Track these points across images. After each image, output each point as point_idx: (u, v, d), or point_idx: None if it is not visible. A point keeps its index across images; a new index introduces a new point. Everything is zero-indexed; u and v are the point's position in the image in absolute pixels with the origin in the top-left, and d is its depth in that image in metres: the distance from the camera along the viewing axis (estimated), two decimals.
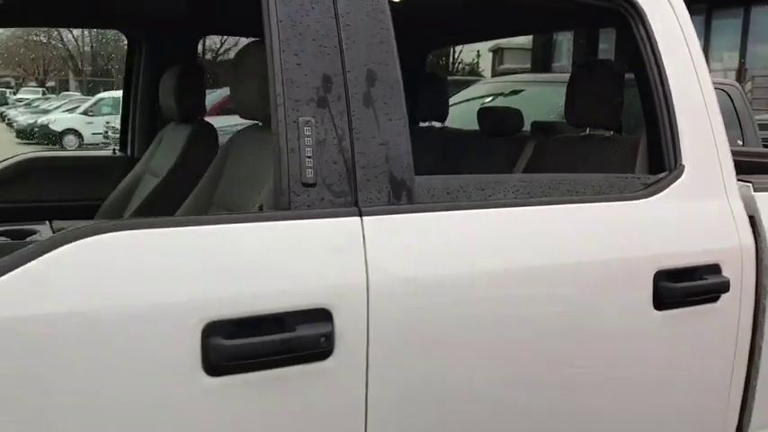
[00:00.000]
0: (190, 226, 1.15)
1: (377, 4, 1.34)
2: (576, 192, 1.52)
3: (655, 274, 1.52)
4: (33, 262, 1.01)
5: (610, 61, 2.22)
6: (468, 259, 1.34)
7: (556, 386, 1.44)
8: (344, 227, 1.24)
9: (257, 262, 1.17)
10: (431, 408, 1.31)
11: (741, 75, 14.00)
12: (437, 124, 3.14)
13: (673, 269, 1.55)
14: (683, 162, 1.65)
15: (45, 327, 1.00)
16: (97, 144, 16.02)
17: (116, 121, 13.09)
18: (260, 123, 1.78)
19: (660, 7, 1.70)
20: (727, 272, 1.63)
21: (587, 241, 1.47)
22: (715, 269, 1.62)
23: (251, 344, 1.12)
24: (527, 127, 2.98)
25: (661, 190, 1.60)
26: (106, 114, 18.71)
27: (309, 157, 1.23)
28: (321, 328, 1.17)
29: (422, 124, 3.12)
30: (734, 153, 1.78)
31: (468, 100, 4.80)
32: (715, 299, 1.62)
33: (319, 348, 1.17)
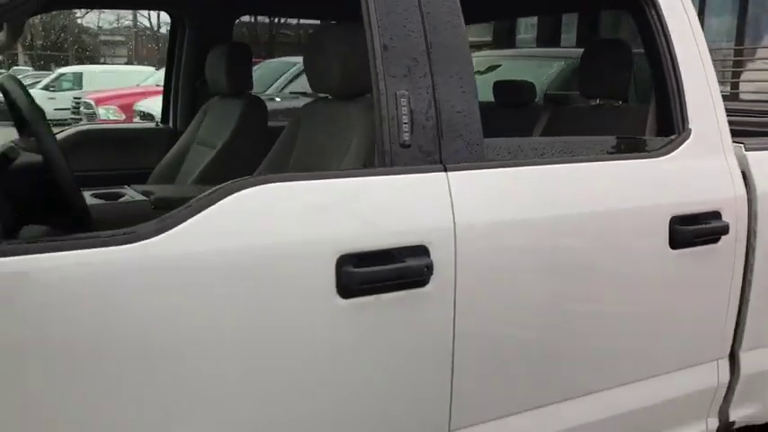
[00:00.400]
0: (324, 179, 1.43)
1: None
2: (607, 151, 1.83)
3: (670, 219, 1.85)
4: (212, 207, 1.28)
5: (620, 40, 2.52)
6: (528, 207, 1.64)
7: (599, 310, 1.76)
8: (434, 180, 1.53)
9: (374, 208, 1.45)
10: (503, 324, 1.61)
11: None
12: None
13: (684, 215, 1.87)
14: (690, 126, 1.97)
15: (227, 258, 1.27)
16: (65, 120, 15.84)
17: (85, 97, 13.01)
18: (329, 96, 2.04)
19: None
20: (726, 217, 1.95)
21: (620, 192, 1.79)
22: (717, 215, 1.94)
23: (373, 272, 1.40)
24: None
25: (673, 150, 1.92)
26: (68, 90, 18.41)
27: (406, 123, 1.51)
28: (423, 261, 1.45)
29: None
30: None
31: None
32: (716, 240, 1.95)
33: (422, 277, 1.46)
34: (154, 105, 9.66)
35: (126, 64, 32.88)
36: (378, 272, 1.40)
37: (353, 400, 1.46)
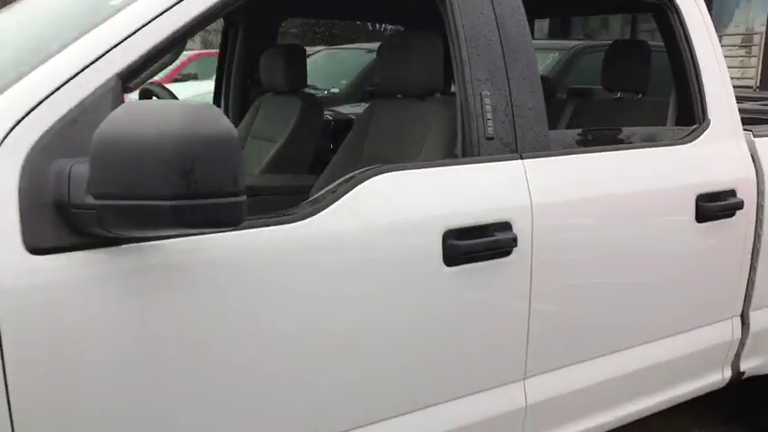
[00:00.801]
0: (430, 168, 1.72)
1: (516, 6, 1.90)
2: (642, 140, 2.14)
3: (696, 197, 2.17)
4: (349, 192, 1.56)
5: (642, 40, 2.83)
6: (585, 188, 1.94)
7: (640, 274, 2.08)
8: (513, 167, 1.82)
9: (469, 190, 1.74)
10: (569, 286, 1.92)
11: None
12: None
13: (707, 193, 2.20)
14: (709, 117, 2.29)
15: (364, 234, 1.56)
16: None
17: None
18: (399, 96, 2.32)
19: (689, 2, 2.32)
20: (740, 195, 2.28)
21: (657, 174, 2.10)
22: (732, 194, 2.27)
23: (471, 244, 1.69)
24: None
25: (697, 137, 2.24)
26: None
27: (489, 119, 1.80)
28: (508, 235, 1.75)
29: None
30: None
31: None
32: (732, 214, 2.28)
33: (508, 247, 1.75)
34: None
35: None
36: (475, 244, 1.70)
37: (453, 347, 1.76)
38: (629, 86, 2.72)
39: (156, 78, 9.58)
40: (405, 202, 1.64)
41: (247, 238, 1.41)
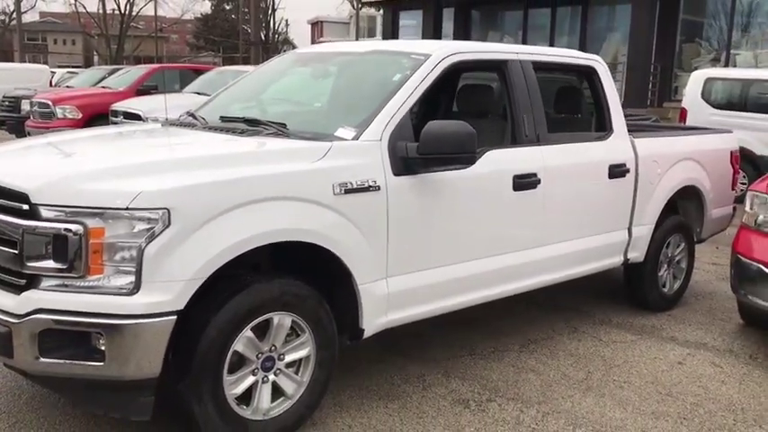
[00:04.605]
0: (509, 148, 3.94)
1: (531, 76, 4.14)
2: (585, 139, 4.47)
3: (608, 166, 4.49)
4: (483, 156, 3.73)
5: (576, 87, 5.15)
6: (564, 159, 4.22)
7: (584, 203, 4.39)
8: (537, 150, 4.05)
9: (524, 158, 3.97)
10: (558, 203, 4.18)
11: None
12: None
13: (613, 164, 4.53)
14: (613, 127, 4.65)
15: (487, 176, 3.74)
16: None
17: (36, 97, 14.08)
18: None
19: (603, 68, 4.67)
20: (627, 166, 4.65)
21: (591, 154, 4.42)
22: (624, 165, 4.62)
23: (525, 181, 3.90)
24: None
25: (608, 137, 4.60)
26: None
27: (526, 127, 4.03)
28: (536, 178, 3.98)
29: None
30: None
31: None
32: (624, 175, 4.63)
33: (537, 186, 3.98)
34: (136, 105, 11.32)
35: None
36: (526, 182, 3.91)
37: (510, 234, 3.96)
38: (567, 111, 5.04)
39: (120, 89, 11.60)
40: (501, 163, 3.83)
41: (454, 173, 3.54)
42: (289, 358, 3.10)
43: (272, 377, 3.06)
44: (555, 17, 19.03)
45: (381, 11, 25.23)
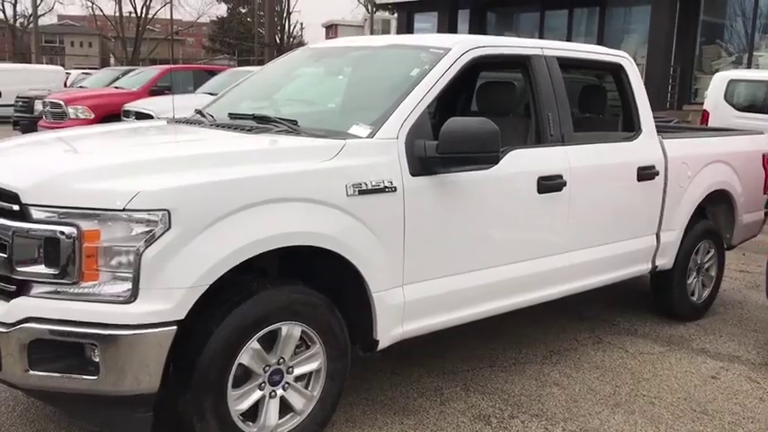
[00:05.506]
0: (533, 148, 3.71)
1: (557, 72, 3.91)
2: (613, 140, 4.23)
3: (637, 168, 4.25)
4: (507, 155, 3.51)
5: (601, 85, 4.92)
6: (590, 160, 3.98)
7: (612, 206, 4.15)
8: (562, 149, 3.82)
9: (549, 157, 3.74)
10: (586, 208, 3.94)
11: None
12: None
13: (642, 166, 4.29)
14: (642, 128, 4.41)
15: (510, 176, 3.51)
16: (8, 118, 16.28)
17: (49, 97, 14.02)
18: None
19: (631, 66, 4.44)
20: (657, 168, 4.40)
21: (619, 155, 4.18)
22: (653, 167, 4.38)
23: (550, 183, 3.67)
24: None
25: (636, 138, 4.35)
26: None
27: (551, 126, 3.80)
28: (561, 180, 3.75)
29: None
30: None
31: None
32: (653, 178, 4.38)
33: (562, 188, 3.75)
34: (148, 105, 11.21)
35: None
36: (551, 184, 3.69)
37: (534, 240, 3.73)
38: (592, 110, 4.80)
39: (133, 89, 11.51)
40: (524, 164, 3.61)
41: (475, 174, 3.32)
42: (298, 371, 2.89)
43: (280, 392, 2.85)
44: (572, 18, 18.76)
45: (396, 14, 25.08)
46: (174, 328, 2.48)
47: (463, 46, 3.57)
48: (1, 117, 18.08)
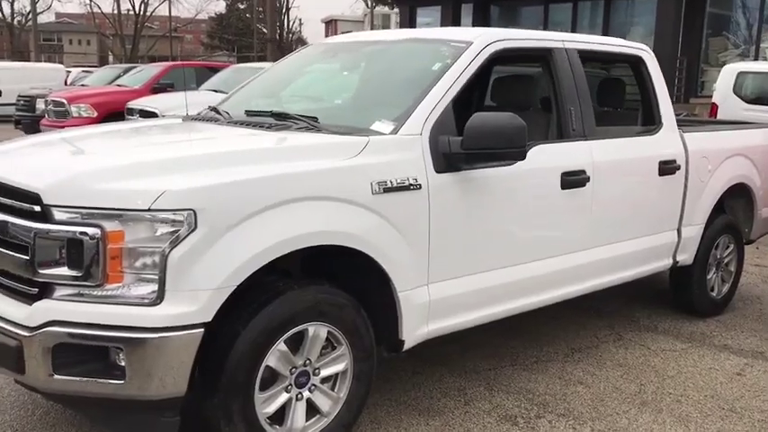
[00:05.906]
0: (556, 143, 3.63)
1: (578, 66, 3.84)
2: (634, 133, 4.16)
3: (659, 162, 4.18)
4: (531, 150, 3.44)
5: (619, 78, 4.84)
6: (612, 155, 3.91)
7: (633, 200, 4.08)
8: (584, 144, 3.75)
9: (570, 153, 3.66)
10: (609, 202, 3.87)
11: None
12: None
13: (663, 160, 4.23)
14: (662, 121, 4.34)
15: (534, 171, 3.44)
16: (10, 116, 16.17)
17: (52, 96, 13.94)
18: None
19: (651, 58, 4.36)
20: (678, 162, 4.34)
21: (640, 149, 4.11)
22: (675, 161, 4.31)
23: (574, 179, 3.61)
24: None
25: (657, 132, 4.28)
26: None
27: (574, 122, 3.73)
28: (585, 176, 3.68)
29: None
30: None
31: None
32: (674, 172, 4.31)
33: (585, 183, 3.68)
34: (152, 103, 11.13)
35: None
36: (575, 179, 3.62)
37: (558, 236, 3.67)
38: (612, 104, 4.73)
39: (135, 87, 11.45)
40: (548, 159, 3.54)
41: (500, 170, 3.26)
42: (324, 373, 2.83)
43: (306, 394, 2.79)
44: (576, 11, 18.65)
45: (396, 9, 24.94)
46: (201, 330, 2.42)
47: (484, 39, 3.50)
48: (1, 116, 17.99)
